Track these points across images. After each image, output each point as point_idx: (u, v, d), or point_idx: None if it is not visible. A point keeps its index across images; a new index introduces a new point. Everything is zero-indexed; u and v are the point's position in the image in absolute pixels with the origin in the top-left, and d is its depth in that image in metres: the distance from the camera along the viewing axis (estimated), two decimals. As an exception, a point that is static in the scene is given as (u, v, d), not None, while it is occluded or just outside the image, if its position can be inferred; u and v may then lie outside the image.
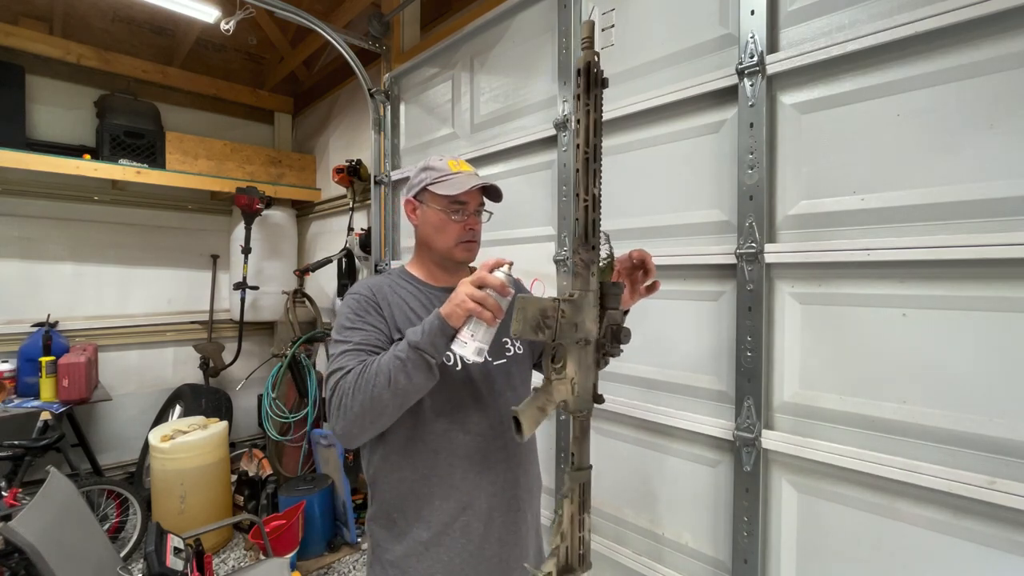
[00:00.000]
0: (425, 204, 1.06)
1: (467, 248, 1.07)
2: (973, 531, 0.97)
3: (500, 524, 1.02)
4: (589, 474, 0.81)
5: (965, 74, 0.98)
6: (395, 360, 0.85)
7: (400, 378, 0.84)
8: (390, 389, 0.84)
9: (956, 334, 0.99)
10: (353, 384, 0.87)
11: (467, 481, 1.00)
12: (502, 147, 1.95)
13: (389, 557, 1.01)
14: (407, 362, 0.84)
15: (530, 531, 1.10)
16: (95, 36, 3.40)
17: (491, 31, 2.08)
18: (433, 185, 1.03)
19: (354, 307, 1.02)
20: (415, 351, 0.84)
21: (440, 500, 0.99)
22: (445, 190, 1.01)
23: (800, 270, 1.19)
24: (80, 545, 1.61)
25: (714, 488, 1.35)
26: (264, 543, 2.20)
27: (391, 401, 0.85)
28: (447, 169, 1.05)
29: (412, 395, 0.88)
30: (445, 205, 1.03)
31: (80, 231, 3.44)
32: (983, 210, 0.96)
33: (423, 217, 1.08)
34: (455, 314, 0.84)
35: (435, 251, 1.08)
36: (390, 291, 1.05)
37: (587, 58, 0.75)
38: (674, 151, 1.45)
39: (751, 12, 1.24)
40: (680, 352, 1.43)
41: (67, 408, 2.76)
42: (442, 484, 0.99)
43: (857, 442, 1.10)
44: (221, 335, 3.88)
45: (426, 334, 0.85)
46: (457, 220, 1.04)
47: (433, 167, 1.06)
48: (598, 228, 0.78)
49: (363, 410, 0.86)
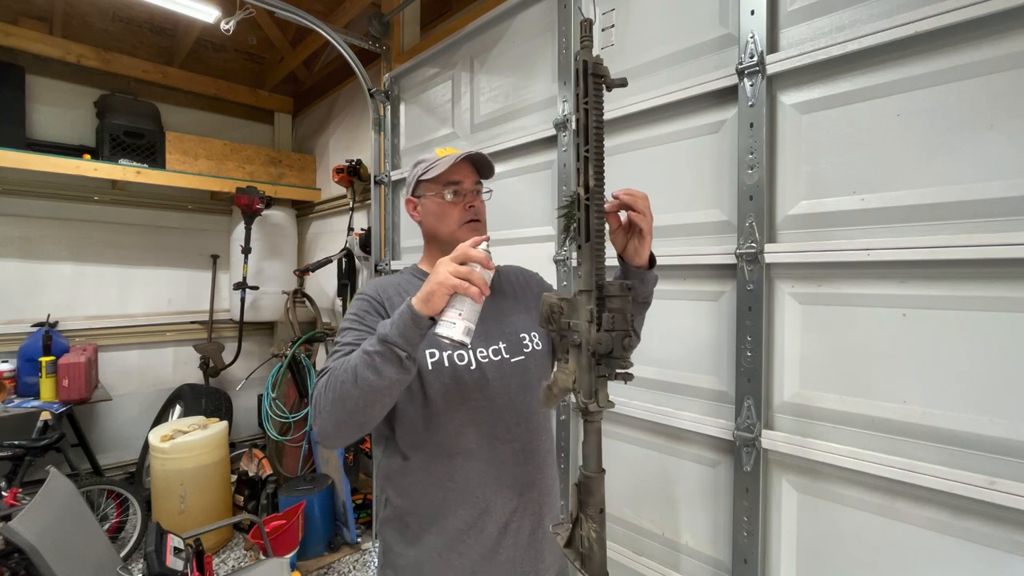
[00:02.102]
0: (423, 197, 1.05)
1: (472, 228, 1.03)
2: (973, 531, 0.97)
3: (516, 529, 0.99)
4: (583, 475, 0.81)
5: (965, 74, 0.98)
6: (362, 355, 0.79)
7: (367, 374, 0.78)
8: (357, 386, 0.79)
9: (956, 334, 0.99)
10: (326, 383, 0.83)
11: (484, 486, 0.96)
12: (502, 147, 1.95)
13: (402, 562, 0.99)
14: (374, 356, 0.78)
15: (546, 535, 1.05)
16: (95, 36, 3.40)
17: (491, 31, 2.08)
18: (424, 175, 1.03)
19: (356, 309, 0.99)
20: (383, 344, 0.78)
21: (455, 505, 0.96)
22: (434, 173, 1.01)
23: (800, 270, 1.19)
24: (80, 545, 1.61)
25: (714, 488, 1.35)
26: (264, 543, 2.20)
27: (360, 398, 0.80)
28: (435, 156, 1.04)
29: (384, 392, 0.80)
30: (439, 190, 1.02)
31: (80, 231, 3.44)
32: (983, 210, 0.96)
33: (424, 211, 1.06)
34: (437, 294, 0.77)
35: (441, 240, 1.04)
36: (399, 290, 1.03)
37: (584, 57, 0.75)
38: (674, 151, 1.45)
39: (751, 12, 1.24)
40: (680, 352, 1.43)
41: (67, 408, 2.76)
42: (457, 489, 0.96)
43: (857, 442, 1.10)
44: (221, 335, 3.88)
45: (395, 325, 0.79)
46: (455, 201, 1.02)
47: (422, 159, 1.07)
48: (595, 231, 0.78)
49: (334, 409, 0.81)
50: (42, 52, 3.13)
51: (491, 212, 2.08)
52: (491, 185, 1.11)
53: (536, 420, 1.04)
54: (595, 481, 0.80)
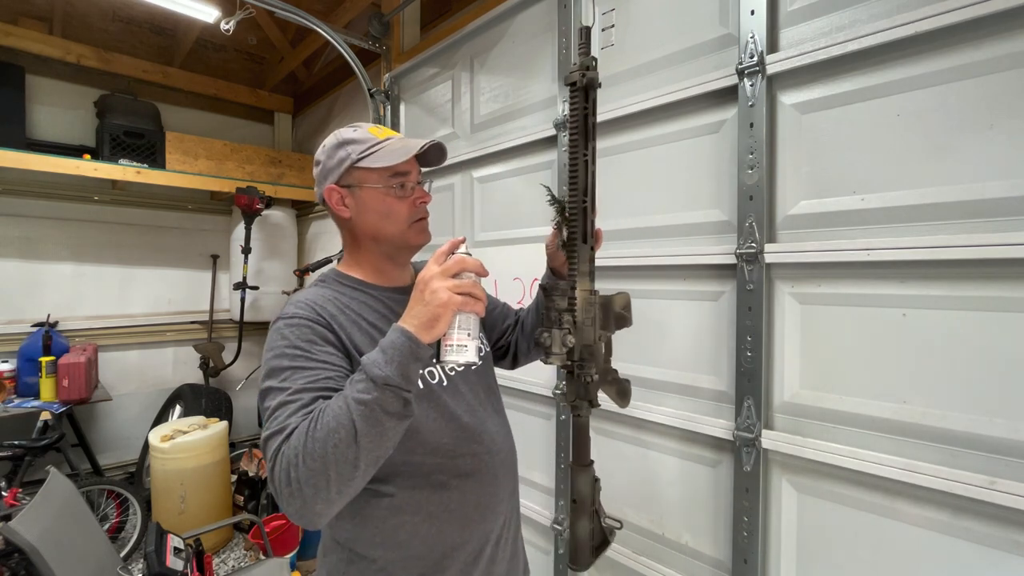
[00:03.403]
0: (356, 187, 0.84)
1: (421, 228, 0.88)
2: (973, 531, 0.97)
3: (505, 541, 0.93)
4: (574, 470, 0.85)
5: (965, 74, 0.98)
6: (358, 407, 0.62)
7: (368, 431, 0.62)
8: (358, 445, 0.62)
9: (956, 334, 0.99)
10: (302, 449, 0.62)
11: (482, 506, 0.85)
12: (502, 147, 1.95)
13: None
14: (374, 405, 0.62)
15: (518, 537, 1.02)
16: (95, 36, 3.40)
17: (491, 31, 2.08)
18: (363, 160, 0.82)
19: (296, 340, 0.74)
20: (384, 388, 0.63)
21: (458, 539, 0.83)
22: (381, 161, 0.81)
23: (800, 270, 1.19)
24: (80, 545, 1.61)
25: (714, 488, 1.35)
26: (264, 543, 2.20)
27: (362, 459, 0.63)
28: (372, 137, 0.84)
29: (385, 448, 0.66)
30: (385, 181, 0.83)
31: (80, 231, 3.44)
32: (983, 210, 0.96)
33: (358, 205, 0.85)
34: (442, 318, 0.66)
35: (384, 242, 0.88)
36: (339, 307, 0.82)
37: (580, 67, 0.77)
38: (674, 151, 1.45)
39: (751, 12, 1.24)
40: (680, 352, 1.43)
41: (67, 408, 2.76)
42: (453, 520, 0.82)
43: (857, 442, 1.10)
44: (221, 335, 3.88)
45: (392, 362, 0.64)
46: (402, 196, 0.85)
47: (353, 139, 0.85)
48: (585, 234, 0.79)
49: (324, 481, 0.62)
50: (42, 52, 3.13)
51: (491, 212, 2.09)
52: (491, 185, 1.09)
53: (505, 420, 0.99)
54: (573, 472, 0.86)
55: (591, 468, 0.89)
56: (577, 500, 0.87)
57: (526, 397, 1.88)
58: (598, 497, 0.89)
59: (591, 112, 0.85)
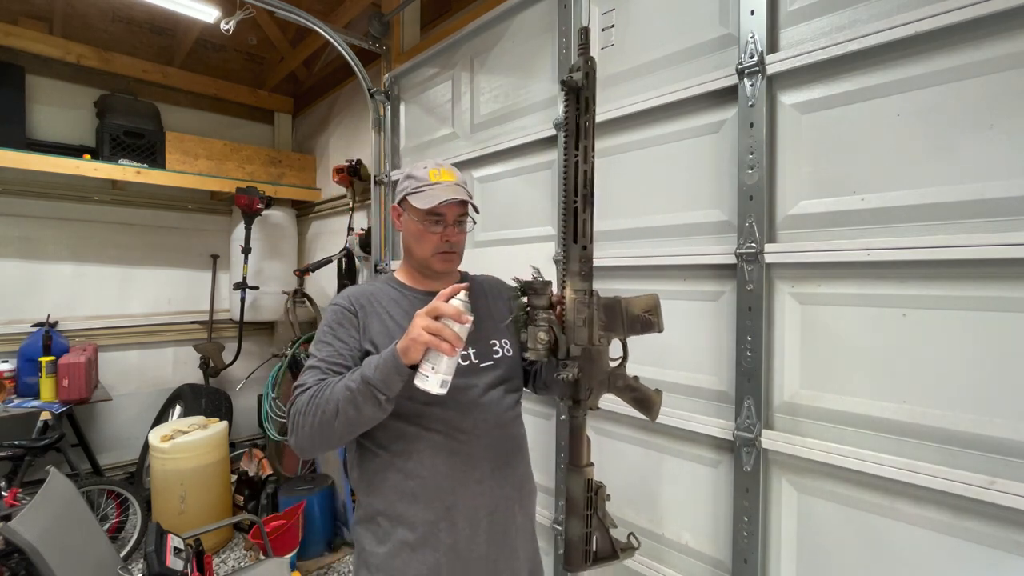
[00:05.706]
0: (405, 213, 1.08)
1: (444, 259, 1.08)
2: (973, 531, 0.97)
3: (487, 524, 1.02)
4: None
5: (965, 74, 0.98)
6: (346, 391, 0.86)
7: (348, 409, 0.86)
8: (338, 418, 0.87)
9: (956, 334, 0.99)
10: (305, 405, 0.90)
11: (452, 480, 1.00)
12: (502, 147, 1.95)
13: (374, 561, 1.01)
14: (356, 394, 0.85)
15: (520, 532, 1.08)
16: (95, 36, 3.40)
17: (491, 31, 2.07)
18: (411, 196, 1.05)
19: (330, 319, 1.04)
20: (366, 385, 0.85)
21: (425, 501, 0.99)
22: (419, 203, 1.02)
23: (800, 270, 1.19)
24: (80, 545, 1.61)
25: (714, 488, 1.35)
26: (264, 543, 2.20)
27: (340, 428, 0.88)
28: (427, 179, 1.05)
29: (363, 425, 0.90)
30: (422, 216, 1.04)
31: (80, 231, 3.44)
32: (983, 210, 0.96)
33: (405, 225, 1.10)
34: (412, 348, 0.83)
35: (414, 259, 1.11)
36: (372, 300, 1.07)
37: (571, 69, 0.78)
38: (674, 151, 1.45)
39: (751, 12, 1.24)
40: (680, 352, 1.43)
41: (67, 408, 2.76)
42: (426, 485, 0.99)
43: (857, 442, 1.10)
44: (221, 335, 3.88)
45: (379, 369, 0.85)
46: (434, 232, 1.05)
47: (414, 176, 1.07)
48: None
49: (312, 432, 0.89)
50: (42, 52, 3.13)
51: (491, 212, 2.09)
52: (491, 185, 1.13)
53: (507, 417, 1.07)
54: (567, 472, 0.89)
55: (585, 470, 0.89)
56: (569, 501, 0.87)
57: (526, 396, 1.88)
58: (602, 506, 0.89)
59: (582, 112, 0.85)
